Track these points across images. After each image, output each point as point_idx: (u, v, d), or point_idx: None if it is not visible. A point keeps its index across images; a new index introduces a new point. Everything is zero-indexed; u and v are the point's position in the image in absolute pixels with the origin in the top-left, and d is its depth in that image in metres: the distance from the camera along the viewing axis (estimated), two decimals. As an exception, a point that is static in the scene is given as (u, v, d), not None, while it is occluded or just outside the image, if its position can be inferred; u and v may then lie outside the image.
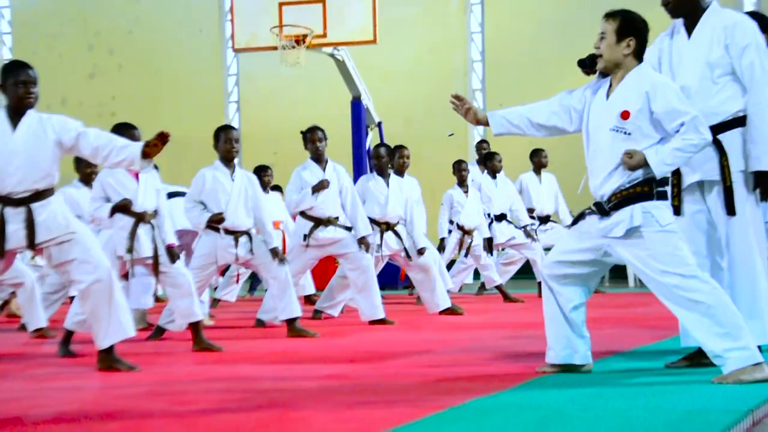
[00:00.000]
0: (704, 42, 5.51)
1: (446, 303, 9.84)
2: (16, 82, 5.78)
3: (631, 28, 5.21)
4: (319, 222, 8.94)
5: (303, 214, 8.99)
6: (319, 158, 9.00)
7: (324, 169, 8.98)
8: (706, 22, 5.53)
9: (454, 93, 5.69)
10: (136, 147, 5.82)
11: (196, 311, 7.14)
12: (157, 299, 10.59)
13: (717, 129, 5.42)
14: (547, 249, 12.32)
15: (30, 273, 8.51)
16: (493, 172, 12.29)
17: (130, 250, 7.23)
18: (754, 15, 5.82)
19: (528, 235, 11.98)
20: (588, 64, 5.52)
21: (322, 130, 9.03)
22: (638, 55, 5.23)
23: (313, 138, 8.97)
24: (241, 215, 7.96)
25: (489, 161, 12.36)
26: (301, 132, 9.11)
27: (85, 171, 8.80)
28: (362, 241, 8.97)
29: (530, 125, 5.51)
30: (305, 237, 8.91)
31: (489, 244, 11.74)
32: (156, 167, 8.02)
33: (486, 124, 5.58)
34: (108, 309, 5.86)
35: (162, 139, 5.74)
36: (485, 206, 11.94)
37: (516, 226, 12.09)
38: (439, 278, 10.07)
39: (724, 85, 5.48)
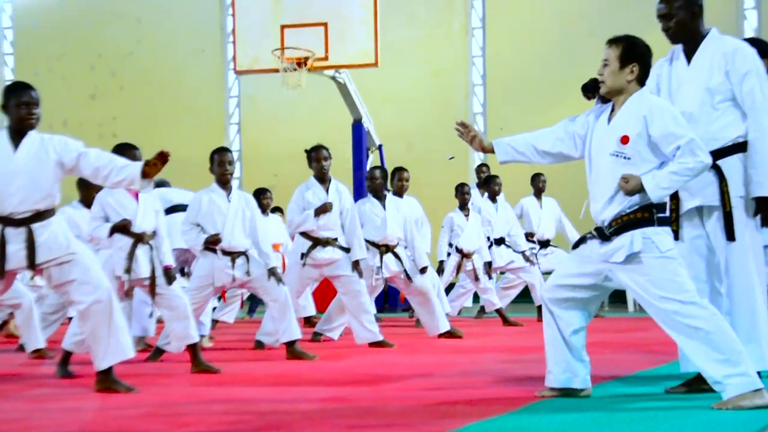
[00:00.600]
0: (704, 68, 5.53)
1: (445, 326, 9.83)
2: (18, 103, 5.81)
3: (634, 54, 5.22)
4: (317, 242, 8.94)
5: (303, 233, 8.99)
6: (323, 177, 8.99)
7: (327, 189, 8.98)
8: (706, 49, 5.56)
9: (458, 119, 5.71)
10: (136, 167, 5.84)
11: (192, 334, 7.13)
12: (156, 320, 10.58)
13: (717, 154, 5.44)
14: (547, 273, 12.33)
15: (28, 294, 8.50)
16: (493, 196, 12.32)
17: (128, 270, 7.22)
18: (753, 41, 5.85)
19: (527, 259, 11.99)
20: (590, 89, 5.54)
21: (327, 149, 9.01)
22: (641, 81, 5.25)
23: (318, 157, 8.95)
24: (237, 236, 7.97)
25: (488, 185, 12.39)
26: (306, 150, 9.09)
27: (91, 194, 8.79)
28: (356, 265, 8.97)
29: (536, 152, 5.51)
30: (302, 256, 8.91)
31: (488, 268, 11.74)
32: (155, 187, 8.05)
33: (491, 151, 5.57)
34: (107, 330, 5.86)
35: (162, 158, 5.76)
36: (485, 230, 11.94)
37: (514, 250, 12.09)
38: (438, 301, 10.06)
39: (724, 111, 5.50)
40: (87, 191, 8.73)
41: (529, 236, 12.49)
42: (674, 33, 5.60)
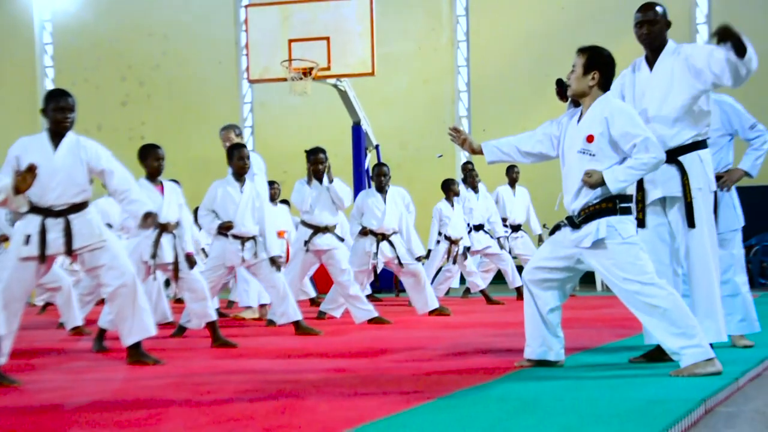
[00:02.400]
0: (666, 75, 5.52)
1: (434, 304, 9.82)
2: (55, 107, 5.78)
3: (596, 63, 5.21)
4: (317, 229, 8.98)
5: (303, 222, 9.06)
6: (318, 179, 9.04)
7: (321, 184, 9.05)
8: (666, 57, 5.55)
9: (445, 122, 5.75)
10: (142, 207, 5.83)
11: (210, 313, 7.13)
12: (179, 300, 10.58)
13: (678, 151, 5.44)
14: (515, 257, 12.36)
15: (67, 277, 8.51)
16: (473, 187, 12.31)
17: (153, 256, 7.23)
18: None
19: (501, 246, 12.02)
20: (563, 87, 5.55)
21: (324, 153, 9.07)
22: (604, 86, 5.23)
23: (315, 160, 9.06)
24: (247, 223, 7.97)
25: (469, 178, 12.38)
26: (306, 151, 9.14)
27: None
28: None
29: (519, 153, 5.52)
30: (305, 243, 8.96)
31: (465, 252, 11.73)
32: (178, 182, 8.05)
33: (480, 152, 5.58)
34: (132, 311, 5.86)
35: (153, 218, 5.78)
36: (466, 217, 11.92)
37: (491, 236, 12.08)
38: (428, 283, 10.05)
39: (684, 113, 5.49)
40: None
41: (502, 220, 12.51)
42: (654, 37, 5.56)
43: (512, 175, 12.89)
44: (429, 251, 11.59)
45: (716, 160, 6.17)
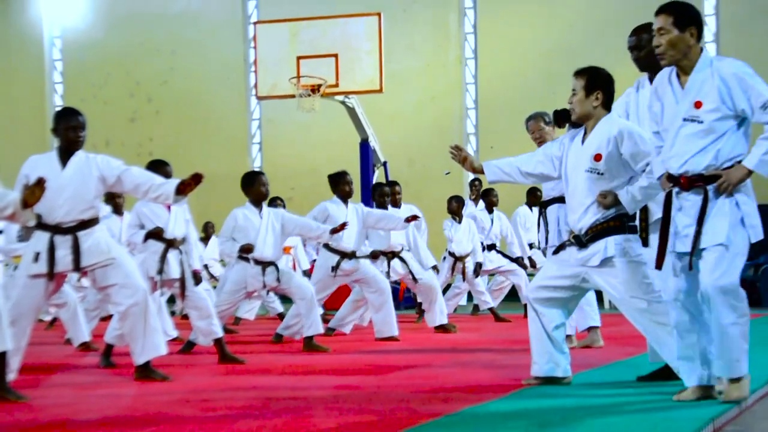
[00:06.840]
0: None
1: (443, 320, 9.80)
2: (68, 127, 5.83)
3: (597, 83, 5.23)
4: (343, 255, 8.97)
5: (327, 247, 9.00)
6: (345, 201, 9.05)
7: (347, 207, 9.04)
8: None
9: (453, 139, 5.77)
10: (172, 184, 5.85)
11: (216, 330, 7.15)
12: (185, 317, 10.58)
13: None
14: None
15: (73, 293, 8.53)
16: (490, 207, 12.21)
17: (160, 271, 7.26)
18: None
19: (521, 265, 11.85)
20: (562, 117, 5.55)
21: (349, 174, 9.14)
22: (607, 105, 5.25)
23: (345, 181, 9.08)
24: (268, 248, 7.98)
25: (486, 197, 12.28)
26: (329, 176, 9.14)
27: (116, 201, 9.00)
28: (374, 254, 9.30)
29: (520, 174, 5.52)
30: (333, 269, 8.93)
31: (479, 268, 11.65)
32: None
33: (481, 171, 5.57)
34: (143, 330, 5.89)
35: (196, 179, 5.78)
36: (481, 236, 11.83)
37: (504, 255, 12.00)
38: (441, 297, 10.01)
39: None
40: (114, 202, 9.05)
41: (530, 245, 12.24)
42: (643, 61, 5.56)
43: (532, 198, 12.73)
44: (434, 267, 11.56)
45: (712, 153, 4.65)
